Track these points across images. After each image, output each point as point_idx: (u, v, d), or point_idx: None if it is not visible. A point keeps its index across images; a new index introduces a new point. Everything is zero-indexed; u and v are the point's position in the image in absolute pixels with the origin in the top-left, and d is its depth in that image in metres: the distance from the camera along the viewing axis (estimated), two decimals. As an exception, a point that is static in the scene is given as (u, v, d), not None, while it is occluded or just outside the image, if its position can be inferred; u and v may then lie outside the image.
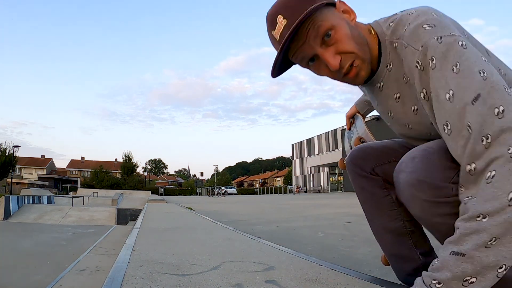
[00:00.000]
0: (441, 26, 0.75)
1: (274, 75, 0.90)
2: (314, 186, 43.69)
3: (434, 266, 0.71)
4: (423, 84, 0.75)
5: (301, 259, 1.56)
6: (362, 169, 1.09)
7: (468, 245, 0.64)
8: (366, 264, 1.81)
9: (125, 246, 1.92)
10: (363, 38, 0.85)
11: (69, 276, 1.58)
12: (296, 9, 0.80)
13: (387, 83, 0.89)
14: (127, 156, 52.28)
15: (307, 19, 0.80)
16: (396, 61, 0.85)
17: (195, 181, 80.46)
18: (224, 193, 33.50)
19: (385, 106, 0.95)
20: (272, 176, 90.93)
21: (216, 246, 1.97)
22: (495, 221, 0.62)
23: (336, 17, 0.84)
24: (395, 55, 0.84)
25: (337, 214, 5.61)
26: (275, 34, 0.84)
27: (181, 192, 57.73)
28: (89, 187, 41.71)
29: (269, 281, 1.15)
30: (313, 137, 44.85)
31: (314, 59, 0.86)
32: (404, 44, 0.79)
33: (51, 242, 3.84)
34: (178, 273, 1.27)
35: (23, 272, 2.25)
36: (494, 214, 0.62)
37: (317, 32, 0.81)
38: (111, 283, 1.12)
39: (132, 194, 22.97)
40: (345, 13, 0.86)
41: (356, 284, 1.11)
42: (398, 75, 0.85)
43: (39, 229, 5.43)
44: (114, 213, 8.66)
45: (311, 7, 0.79)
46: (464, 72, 0.69)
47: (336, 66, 0.82)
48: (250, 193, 54.36)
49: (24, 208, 8.60)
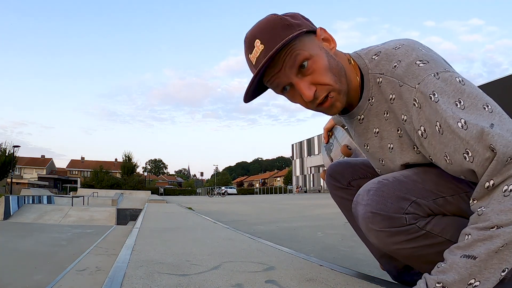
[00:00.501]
0: (434, 62, 0.75)
1: (247, 100, 0.88)
2: (314, 186, 43.68)
3: (440, 269, 0.70)
4: (421, 121, 0.74)
5: (301, 259, 1.56)
6: (339, 181, 1.15)
7: (481, 249, 0.65)
8: (366, 264, 1.81)
9: (125, 246, 1.92)
10: (341, 68, 0.84)
11: (69, 276, 1.58)
12: (275, 35, 0.78)
13: (367, 116, 0.89)
14: (127, 156, 52.28)
15: (284, 47, 0.78)
16: (378, 96, 0.83)
17: (195, 181, 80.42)
18: (224, 193, 33.51)
19: (363, 138, 0.95)
20: (272, 176, 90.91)
21: (216, 246, 1.97)
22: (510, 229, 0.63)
23: (315, 46, 0.82)
24: (377, 90, 0.83)
25: (337, 214, 5.61)
26: (252, 58, 0.83)
27: (181, 192, 57.73)
28: (89, 187, 41.71)
29: (269, 281, 1.15)
30: (313, 137, 44.84)
31: (288, 87, 0.85)
32: (398, 82, 0.77)
33: (51, 242, 3.84)
34: (178, 273, 1.27)
35: (23, 272, 2.25)
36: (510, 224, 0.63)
37: (293, 61, 0.79)
38: (111, 283, 1.12)
39: (132, 194, 22.97)
40: (325, 41, 0.85)
41: (356, 284, 1.11)
42: (379, 110, 0.85)
43: (39, 229, 5.43)
44: (114, 213, 8.66)
45: (290, 36, 0.77)
46: (470, 108, 0.69)
47: (310, 97, 0.80)
48: (250, 193, 54.36)
49: (24, 208, 8.60)
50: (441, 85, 0.71)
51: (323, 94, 0.82)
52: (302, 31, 0.79)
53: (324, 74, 0.80)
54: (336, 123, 1.40)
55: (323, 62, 0.80)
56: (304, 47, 0.80)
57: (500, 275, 0.65)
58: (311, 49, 0.80)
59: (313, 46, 0.81)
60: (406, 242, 0.79)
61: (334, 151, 1.40)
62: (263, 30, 0.80)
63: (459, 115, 0.69)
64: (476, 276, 0.66)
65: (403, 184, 0.80)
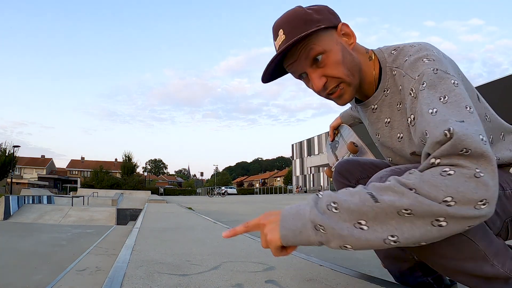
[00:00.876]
0: (440, 62, 0.79)
1: (265, 81, 0.96)
2: (314, 186, 43.67)
3: (345, 191, 0.72)
4: (412, 110, 0.78)
5: (301, 259, 1.56)
6: (347, 179, 1.14)
7: (386, 198, 0.66)
8: (366, 264, 1.82)
9: (125, 246, 1.92)
10: (356, 64, 0.89)
11: (69, 276, 1.58)
12: (295, 29, 0.85)
13: (381, 106, 0.94)
14: (127, 156, 52.29)
15: (301, 40, 0.84)
16: (393, 88, 0.89)
17: (195, 181, 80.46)
18: (224, 193, 33.52)
19: (375, 128, 0.99)
20: (272, 176, 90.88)
21: (216, 246, 1.97)
22: (423, 203, 0.63)
23: (332, 41, 0.87)
24: (393, 82, 0.88)
25: (337, 214, 5.61)
26: (276, 44, 0.91)
27: (181, 192, 57.72)
28: (89, 187, 41.70)
29: (269, 281, 1.15)
30: (313, 137, 44.84)
31: (304, 75, 0.92)
32: (403, 73, 0.83)
33: (51, 242, 3.84)
34: (178, 273, 1.27)
35: (23, 272, 2.25)
36: (428, 198, 0.64)
37: (308, 54, 0.86)
38: (111, 283, 1.12)
39: (132, 194, 22.98)
40: (345, 36, 0.90)
41: (356, 284, 1.11)
42: (393, 101, 0.90)
43: (39, 229, 5.43)
44: (114, 213, 8.66)
45: (303, 34, 0.83)
46: (451, 104, 0.71)
47: (319, 87, 0.88)
48: (250, 193, 54.35)
49: (24, 208, 8.60)
50: (435, 79, 0.75)
51: (333, 85, 0.88)
52: (320, 27, 0.85)
53: (336, 68, 0.86)
54: (343, 122, 1.40)
55: (337, 56, 0.86)
56: (319, 42, 0.86)
57: (387, 238, 0.66)
58: (327, 44, 0.86)
59: (330, 41, 0.87)
60: None
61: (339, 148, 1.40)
62: (287, 21, 0.87)
63: (435, 106, 0.72)
64: (368, 219, 0.67)
65: None
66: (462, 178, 0.64)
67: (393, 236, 0.66)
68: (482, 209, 0.64)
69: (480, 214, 0.64)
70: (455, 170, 0.65)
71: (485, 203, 0.64)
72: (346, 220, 0.68)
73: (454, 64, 0.86)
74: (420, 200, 0.64)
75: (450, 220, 0.64)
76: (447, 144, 0.66)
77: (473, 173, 0.64)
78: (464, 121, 0.68)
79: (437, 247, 0.79)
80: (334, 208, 0.69)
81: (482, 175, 0.64)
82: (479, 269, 0.79)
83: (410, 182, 0.66)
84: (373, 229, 0.66)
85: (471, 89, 0.88)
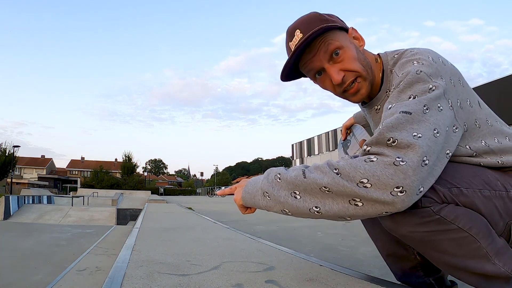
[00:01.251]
0: (429, 67, 0.83)
1: (283, 79, 1.01)
2: (314, 186, 43.60)
3: (291, 167, 0.84)
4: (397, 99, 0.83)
5: (301, 259, 1.56)
6: None
7: (312, 176, 0.77)
8: (366, 264, 1.82)
9: (125, 246, 1.92)
10: (368, 62, 0.96)
11: (69, 276, 1.58)
12: (313, 26, 0.90)
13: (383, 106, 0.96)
14: (127, 156, 52.23)
15: (320, 35, 0.91)
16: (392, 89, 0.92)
17: (195, 181, 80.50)
18: (224, 193, 33.44)
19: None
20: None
21: (216, 246, 1.97)
22: (338, 183, 0.73)
23: (347, 40, 0.94)
24: (391, 83, 0.93)
25: (337, 214, 5.61)
26: (291, 45, 0.94)
27: (181, 192, 57.73)
28: (89, 187, 41.69)
29: (269, 281, 1.15)
30: (313, 137, 44.86)
31: (321, 73, 0.96)
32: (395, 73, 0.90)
33: (51, 242, 3.84)
34: (178, 273, 1.27)
35: (23, 272, 2.25)
36: (346, 179, 0.72)
37: (327, 48, 0.92)
38: (111, 283, 1.12)
39: (132, 194, 22.99)
40: (356, 39, 0.97)
41: (356, 284, 1.11)
42: None
43: (39, 229, 5.43)
44: (114, 213, 8.67)
45: (324, 25, 0.90)
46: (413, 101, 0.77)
47: (338, 80, 0.92)
48: (250, 193, 54.21)
49: (24, 208, 8.61)
50: (413, 79, 0.80)
51: (351, 78, 0.93)
52: (336, 25, 0.93)
53: (353, 62, 0.92)
54: (357, 122, 1.41)
55: (352, 53, 0.93)
56: (337, 39, 0.93)
57: (312, 208, 0.77)
58: (343, 41, 0.93)
59: (345, 40, 0.94)
60: (419, 225, 0.79)
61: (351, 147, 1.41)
62: (304, 22, 0.93)
63: (395, 102, 0.79)
64: (300, 191, 0.78)
65: None
66: (382, 164, 0.70)
67: (317, 207, 0.77)
68: (399, 196, 0.69)
69: (395, 200, 0.69)
70: (377, 157, 0.72)
71: (402, 191, 0.69)
72: (285, 189, 0.81)
73: (455, 71, 0.88)
74: (336, 180, 0.73)
75: (365, 202, 0.72)
76: (377, 133, 0.74)
77: (393, 161, 0.70)
78: (412, 113, 0.75)
79: (439, 243, 0.80)
80: (278, 178, 0.83)
81: (402, 164, 0.69)
82: (480, 267, 0.80)
83: (337, 165, 0.75)
84: (303, 199, 0.78)
85: (472, 95, 0.91)
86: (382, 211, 0.72)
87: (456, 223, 0.79)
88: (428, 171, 0.72)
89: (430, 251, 0.84)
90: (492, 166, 0.88)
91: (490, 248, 0.80)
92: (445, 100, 0.80)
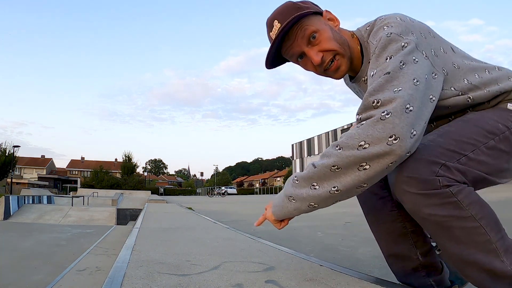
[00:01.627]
0: (397, 27, 0.89)
1: (268, 67, 1.09)
2: (314, 186, 43.56)
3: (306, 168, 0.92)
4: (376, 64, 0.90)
5: (301, 259, 1.56)
6: None
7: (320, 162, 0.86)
8: (366, 264, 1.82)
9: (125, 246, 1.92)
10: (344, 40, 1.02)
11: (69, 276, 1.58)
12: (288, 15, 0.97)
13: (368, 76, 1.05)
14: (127, 156, 52.23)
15: (296, 23, 0.98)
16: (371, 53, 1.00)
17: (195, 181, 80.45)
18: (224, 193, 33.54)
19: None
20: (272, 176, 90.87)
21: (216, 246, 1.97)
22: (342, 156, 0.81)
23: (321, 23, 1.01)
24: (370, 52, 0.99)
25: (337, 214, 5.62)
26: (272, 35, 1.02)
27: (181, 192, 57.70)
28: (89, 187, 41.67)
29: (269, 281, 1.15)
30: (313, 137, 44.86)
31: (303, 56, 1.04)
32: (370, 42, 0.98)
33: (51, 242, 3.84)
34: (178, 273, 1.27)
35: (23, 272, 2.25)
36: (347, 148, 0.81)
37: (304, 34, 0.99)
38: (111, 283, 1.12)
39: (132, 194, 22.97)
40: (330, 20, 1.04)
41: (356, 284, 1.11)
42: None
43: (39, 229, 5.43)
44: (114, 213, 8.66)
45: (298, 13, 0.97)
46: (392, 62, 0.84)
47: (318, 61, 0.99)
48: (250, 193, 54.36)
49: (24, 208, 8.60)
50: (386, 42, 0.87)
51: (329, 57, 1.00)
52: (310, 12, 1.00)
53: (329, 42, 0.99)
54: None
55: (328, 34, 1.00)
56: (312, 23, 0.99)
57: (331, 189, 0.85)
58: (318, 25, 1.00)
59: (320, 23, 1.01)
60: (438, 207, 0.83)
61: None
62: (280, 12, 1.00)
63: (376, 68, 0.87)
64: (316, 181, 0.87)
65: (428, 149, 0.86)
66: (371, 123, 0.78)
67: (334, 187, 0.85)
68: (395, 144, 0.76)
69: (393, 148, 0.76)
70: (366, 120, 0.80)
71: (396, 138, 0.76)
72: (304, 186, 0.90)
73: (423, 26, 0.96)
74: (340, 155, 0.81)
75: (370, 162, 0.79)
76: (363, 100, 0.82)
77: (379, 116, 0.78)
78: (390, 72, 0.82)
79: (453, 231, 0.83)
80: (296, 180, 0.93)
81: (388, 116, 0.77)
82: (488, 262, 0.81)
83: (337, 142, 0.84)
84: (322, 186, 0.86)
85: (444, 42, 0.99)
86: (388, 163, 0.78)
87: (470, 210, 0.82)
88: (415, 116, 0.78)
89: (445, 240, 0.86)
90: (481, 100, 0.97)
91: (499, 244, 0.82)
92: (419, 52, 0.86)
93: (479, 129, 0.91)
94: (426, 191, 0.83)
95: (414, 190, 0.84)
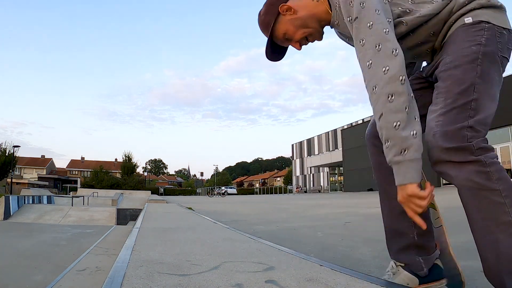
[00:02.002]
0: None
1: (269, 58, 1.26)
2: (314, 186, 43.67)
3: None
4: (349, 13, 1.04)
5: (301, 259, 1.55)
6: (375, 145, 1.22)
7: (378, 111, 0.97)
8: (366, 264, 1.82)
9: (125, 246, 1.92)
10: (304, 20, 1.17)
11: (69, 276, 1.58)
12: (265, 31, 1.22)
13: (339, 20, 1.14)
14: (127, 156, 52.22)
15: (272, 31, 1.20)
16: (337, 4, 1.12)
17: (195, 181, 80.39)
18: (224, 193, 33.52)
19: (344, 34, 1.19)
20: (272, 176, 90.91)
21: (216, 246, 1.97)
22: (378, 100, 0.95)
23: (284, 22, 1.18)
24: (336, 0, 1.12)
25: (337, 214, 5.62)
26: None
27: (181, 192, 57.71)
28: (89, 187, 41.64)
29: (269, 281, 1.15)
30: (313, 137, 44.85)
31: None
32: None
33: (51, 242, 3.84)
34: (178, 273, 1.27)
35: (23, 272, 2.25)
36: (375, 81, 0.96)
37: (279, 39, 1.22)
38: (111, 283, 1.12)
39: (132, 194, 22.96)
40: (288, 11, 1.17)
41: (356, 284, 1.11)
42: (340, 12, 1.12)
43: (39, 229, 5.43)
44: (114, 213, 8.66)
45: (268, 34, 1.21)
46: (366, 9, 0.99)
47: (299, 49, 1.24)
48: (250, 193, 54.35)
49: (24, 208, 8.60)
50: None
51: (304, 41, 1.22)
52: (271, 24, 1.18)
53: (297, 33, 1.19)
54: None
55: (293, 29, 1.18)
56: (279, 28, 1.19)
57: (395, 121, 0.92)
58: (283, 27, 1.18)
59: (283, 24, 1.18)
60: (475, 174, 0.91)
61: None
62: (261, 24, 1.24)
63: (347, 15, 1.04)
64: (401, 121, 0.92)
65: (448, 116, 0.95)
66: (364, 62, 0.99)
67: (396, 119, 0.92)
68: (392, 60, 0.93)
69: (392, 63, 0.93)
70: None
71: (393, 51, 0.94)
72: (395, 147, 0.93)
73: None
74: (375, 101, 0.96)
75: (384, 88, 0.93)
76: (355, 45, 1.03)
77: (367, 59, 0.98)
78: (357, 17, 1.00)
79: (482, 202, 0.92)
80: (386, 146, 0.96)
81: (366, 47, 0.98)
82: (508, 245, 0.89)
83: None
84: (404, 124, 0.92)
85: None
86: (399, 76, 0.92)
87: (498, 185, 0.90)
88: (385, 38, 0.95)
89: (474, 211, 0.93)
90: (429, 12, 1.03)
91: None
92: None
93: (463, 67, 0.97)
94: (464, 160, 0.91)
95: (457, 159, 0.92)
